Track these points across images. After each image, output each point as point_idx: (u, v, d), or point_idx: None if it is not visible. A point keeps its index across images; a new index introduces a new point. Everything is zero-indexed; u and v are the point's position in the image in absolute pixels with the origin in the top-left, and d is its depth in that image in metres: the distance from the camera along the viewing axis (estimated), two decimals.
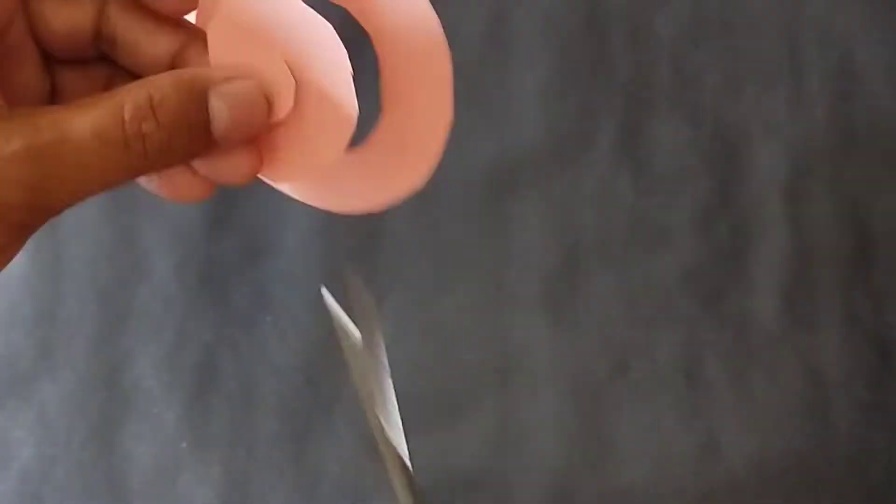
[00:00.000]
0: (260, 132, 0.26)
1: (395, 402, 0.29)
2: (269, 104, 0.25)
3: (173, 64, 0.27)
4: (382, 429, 0.28)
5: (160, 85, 0.23)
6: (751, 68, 0.44)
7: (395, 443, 0.28)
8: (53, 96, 0.27)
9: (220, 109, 0.24)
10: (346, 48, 0.26)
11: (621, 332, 0.41)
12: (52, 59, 0.26)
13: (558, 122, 0.42)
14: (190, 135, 0.24)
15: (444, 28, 0.46)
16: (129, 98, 0.23)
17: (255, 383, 0.39)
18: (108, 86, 0.28)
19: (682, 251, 0.42)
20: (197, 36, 0.26)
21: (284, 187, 0.29)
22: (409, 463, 0.28)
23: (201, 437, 0.39)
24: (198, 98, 0.24)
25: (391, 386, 0.29)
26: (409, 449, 0.39)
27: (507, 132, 0.42)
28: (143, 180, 0.27)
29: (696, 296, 0.41)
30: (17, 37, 0.25)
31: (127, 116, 0.22)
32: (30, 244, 0.29)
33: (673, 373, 0.40)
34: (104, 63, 0.28)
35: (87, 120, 0.22)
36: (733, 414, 0.40)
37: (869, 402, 0.41)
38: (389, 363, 0.39)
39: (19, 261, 0.34)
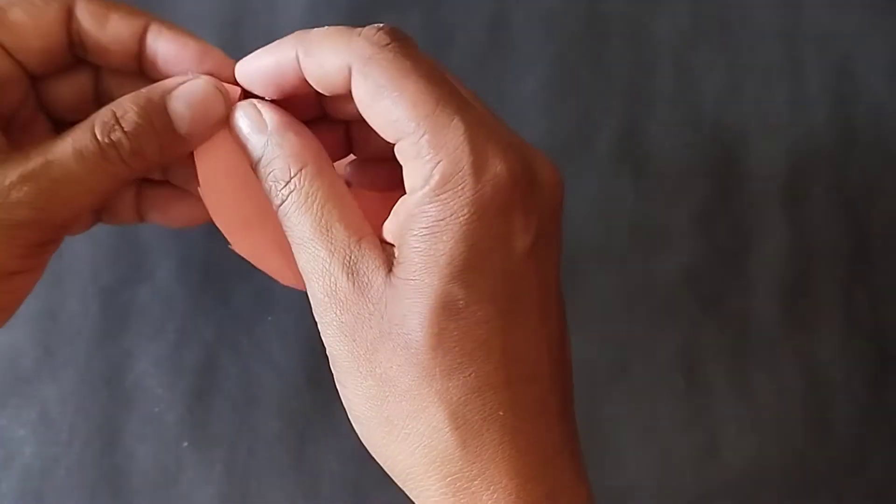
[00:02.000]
0: (221, 124, 0.28)
1: None
2: (224, 95, 0.28)
3: None
4: None
5: (120, 102, 0.27)
6: (750, 69, 0.44)
7: None
8: None
9: (178, 109, 0.27)
10: None
11: (621, 332, 0.41)
12: (60, 122, 0.30)
13: (558, 123, 0.42)
14: (157, 137, 0.27)
15: (443, 29, 0.46)
16: (97, 118, 0.26)
17: (257, 383, 0.39)
18: None
19: (682, 252, 0.42)
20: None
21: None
22: None
23: (202, 436, 0.39)
24: (157, 105, 0.27)
25: None
26: None
27: None
28: (148, 215, 0.32)
29: (696, 296, 0.41)
30: (28, 113, 0.29)
31: (97, 131, 0.26)
32: None
33: (672, 373, 0.40)
34: None
35: (66, 142, 0.25)
36: (732, 414, 0.41)
37: (868, 402, 0.41)
38: None
39: None
